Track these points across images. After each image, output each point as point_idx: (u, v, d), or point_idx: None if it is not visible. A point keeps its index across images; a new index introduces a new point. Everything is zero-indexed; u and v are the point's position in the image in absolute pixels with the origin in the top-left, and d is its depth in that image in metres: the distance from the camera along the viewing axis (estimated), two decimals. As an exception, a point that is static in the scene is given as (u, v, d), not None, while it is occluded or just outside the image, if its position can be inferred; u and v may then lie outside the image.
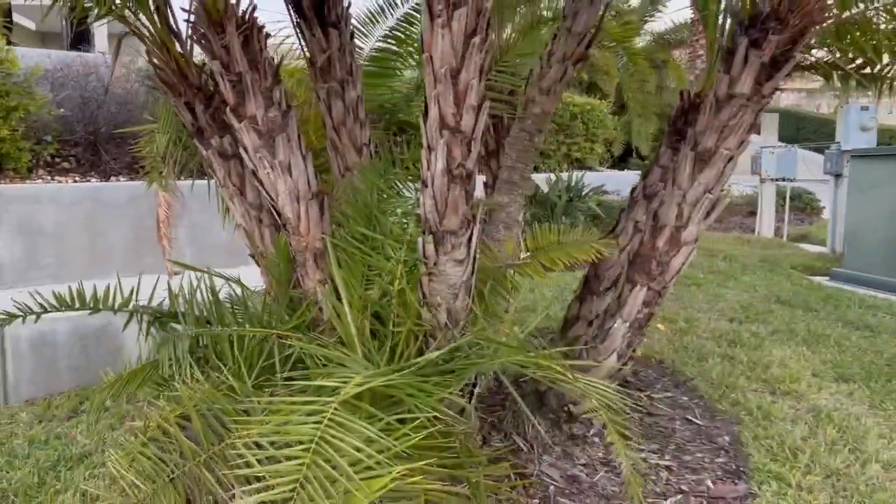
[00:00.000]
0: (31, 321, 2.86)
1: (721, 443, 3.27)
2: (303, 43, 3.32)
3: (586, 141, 9.83)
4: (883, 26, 3.15)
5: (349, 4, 3.34)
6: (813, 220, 10.43)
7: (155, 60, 2.79)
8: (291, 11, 3.27)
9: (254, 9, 2.50)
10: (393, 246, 2.63)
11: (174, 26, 2.77)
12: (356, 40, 3.80)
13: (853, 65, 3.34)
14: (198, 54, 2.84)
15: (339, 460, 1.78)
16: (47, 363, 3.90)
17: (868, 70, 3.37)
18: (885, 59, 3.32)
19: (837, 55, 3.45)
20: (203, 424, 2.21)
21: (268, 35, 2.59)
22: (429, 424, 2.09)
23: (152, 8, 2.70)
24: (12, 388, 3.81)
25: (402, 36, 4.17)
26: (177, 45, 2.76)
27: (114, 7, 2.72)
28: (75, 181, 5.28)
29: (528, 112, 3.46)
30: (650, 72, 6.33)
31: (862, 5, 2.99)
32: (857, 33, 3.13)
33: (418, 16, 4.22)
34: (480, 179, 3.74)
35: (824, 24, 2.99)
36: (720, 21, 3.11)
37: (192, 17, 2.40)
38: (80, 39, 11.91)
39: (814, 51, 3.45)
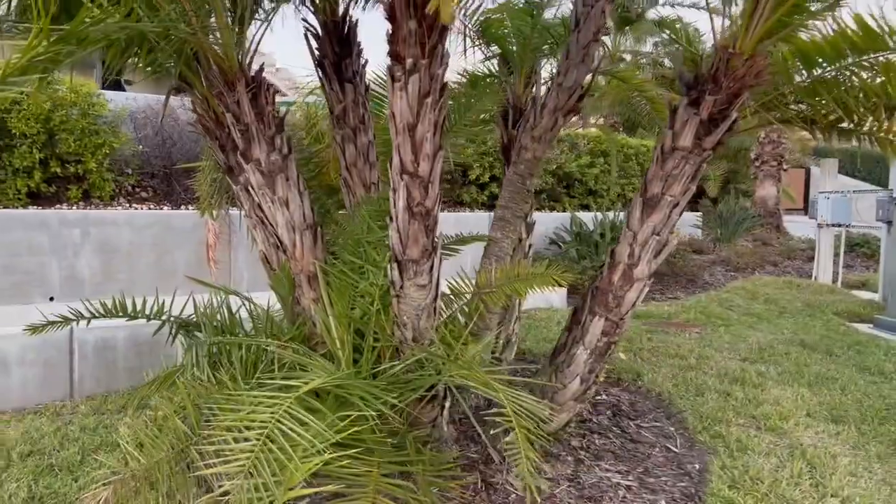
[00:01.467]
0: (97, 327, 3.43)
1: (689, 469, 3.48)
2: (325, 95, 3.83)
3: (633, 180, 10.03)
4: (855, 82, 3.35)
5: (365, 62, 3.83)
6: (877, 266, 10.15)
7: (198, 109, 3.34)
8: (317, 69, 3.81)
9: (261, 70, 3.01)
10: (373, 272, 3.05)
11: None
12: (378, 88, 4.29)
13: (827, 120, 3.53)
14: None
15: (284, 443, 2.19)
16: (107, 364, 4.50)
17: (845, 124, 3.55)
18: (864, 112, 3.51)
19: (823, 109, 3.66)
20: (196, 413, 2.68)
21: (276, 91, 3.08)
22: (377, 424, 2.49)
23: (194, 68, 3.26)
24: (77, 384, 4.43)
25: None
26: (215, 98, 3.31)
27: (159, 67, 3.30)
28: (149, 208, 6.00)
29: (521, 157, 3.83)
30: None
31: (819, 70, 3.21)
32: (826, 92, 3.34)
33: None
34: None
35: (793, 85, 3.24)
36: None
37: (211, 77, 2.92)
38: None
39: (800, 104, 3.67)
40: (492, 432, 3.39)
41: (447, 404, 3.17)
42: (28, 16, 2.69)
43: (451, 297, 3.29)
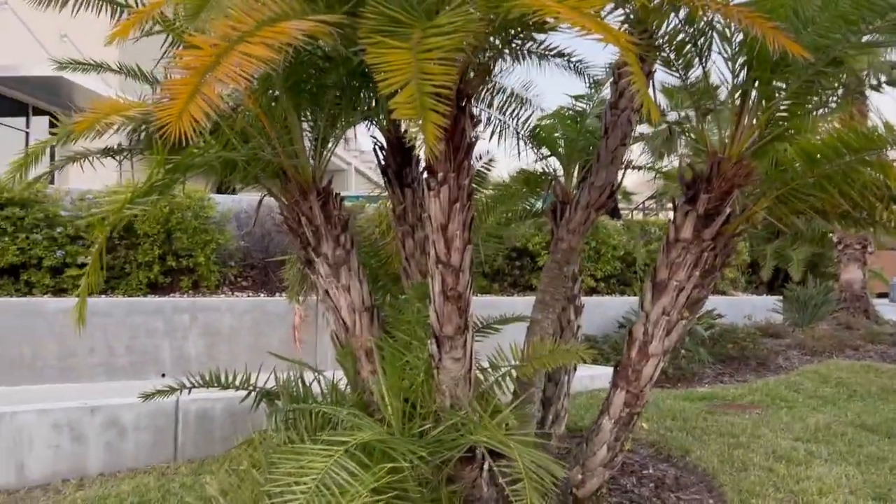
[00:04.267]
0: (198, 399, 4.11)
1: (718, 538, 3.71)
2: (389, 197, 4.49)
3: (714, 266, 10.22)
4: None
5: (422, 171, 4.48)
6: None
7: (284, 212, 4.05)
8: (383, 175, 4.49)
9: (330, 181, 3.69)
10: (420, 348, 3.57)
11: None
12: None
13: (838, 211, 3.84)
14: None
15: (334, 489, 2.71)
16: (206, 432, 5.17)
17: (855, 214, 3.85)
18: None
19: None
20: (268, 466, 3.24)
21: (343, 199, 3.75)
22: (417, 478, 2.97)
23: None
24: (180, 448, 5.10)
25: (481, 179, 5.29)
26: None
27: (253, 180, 4.05)
28: (248, 296, 6.81)
29: (559, 247, 4.32)
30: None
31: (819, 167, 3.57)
32: (831, 186, 3.68)
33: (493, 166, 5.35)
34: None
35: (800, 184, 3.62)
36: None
37: (290, 189, 3.62)
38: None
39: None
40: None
41: (485, 465, 3.58)
42: (153, 141, 3.49)
43: (490, 370, 3.75)
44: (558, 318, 4.82)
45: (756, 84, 3.07)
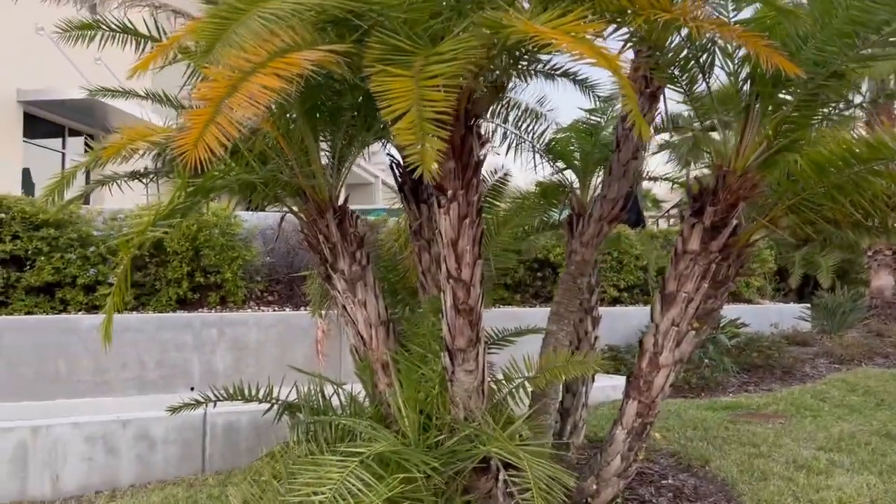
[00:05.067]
0: (225, 412, 4.25)
1: (734, 546, 3.73)
2: (406, 213, 4.60)
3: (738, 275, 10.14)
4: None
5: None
6: None
7: (304, 229, 4.18)
8: (399, 192, 4.60)
9: (346, 199, 3.81)
10: (435, 360, 3.66)
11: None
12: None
13: (850, 220, 3.86)
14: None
15: (349, 499, 2.81)
16: (232, 444, 5.30)
17: (867, 223, 3.85)
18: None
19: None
20: (287, 474, 3.35)
21: (357, 217, 3.87)
22: (430, 488, 3.05)
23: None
24: (208, 460, 5.24)
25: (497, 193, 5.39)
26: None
27: (276, 197, 4.20)
28: (274, 310, 6.97)
29: (572, 259, 4.39)
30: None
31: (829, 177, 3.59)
32: (843, 196, 3.70)
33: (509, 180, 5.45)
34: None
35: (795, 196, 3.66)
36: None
37: (308, 207, 3.75)
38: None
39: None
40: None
41: (501, 477, 3.66)
42: (176, 165, 3.65)
43: (504, 381, 3.83)
44: (575, 330, 4.89)
45: (758, 98, 3.13)
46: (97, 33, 3.75)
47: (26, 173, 13.31)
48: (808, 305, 10.88)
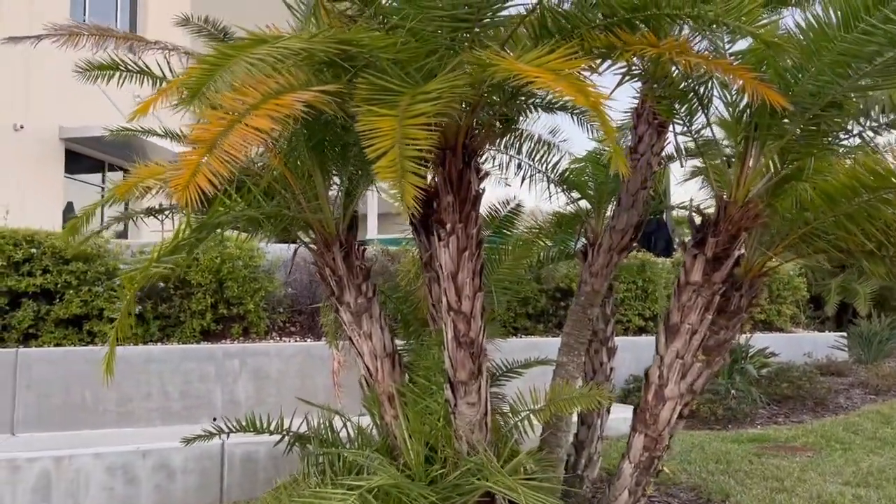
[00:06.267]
0: (243, 442, 4.30)
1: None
2: (416, 245, 4.65)
3: (771, 304, 9.90)
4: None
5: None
6: None
7: (316, 262, 4.25)
8: (410, 224, 4.65)
9: (349, 229, 3.87)
10: (440, 393, 3.67)
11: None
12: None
13: (863, 249, 3.78)
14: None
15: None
16: (250, 474, 5.35)
17: (881, 253, 3.77)
18: None
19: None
20: (292, 506, 3.38)
21: (364, 248, 3.92)
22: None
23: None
24: (226, 490, 5.29)
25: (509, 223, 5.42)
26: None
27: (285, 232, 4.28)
28: (296, 341, 7.03)
29: (582, 290, 4.37)
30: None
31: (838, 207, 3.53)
32: (853, 225, 3.63)
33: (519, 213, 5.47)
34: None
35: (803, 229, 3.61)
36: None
37: (315, 241, 3.81)
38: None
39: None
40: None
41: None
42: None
43: (510, 413, 3.81)
44: (590, 360, 4.85)
45: (757, 129, 3.11)
46: (114, 73, 3.90)
47: (69, 206, 13.75)
48: (844, 334, 10.59)
